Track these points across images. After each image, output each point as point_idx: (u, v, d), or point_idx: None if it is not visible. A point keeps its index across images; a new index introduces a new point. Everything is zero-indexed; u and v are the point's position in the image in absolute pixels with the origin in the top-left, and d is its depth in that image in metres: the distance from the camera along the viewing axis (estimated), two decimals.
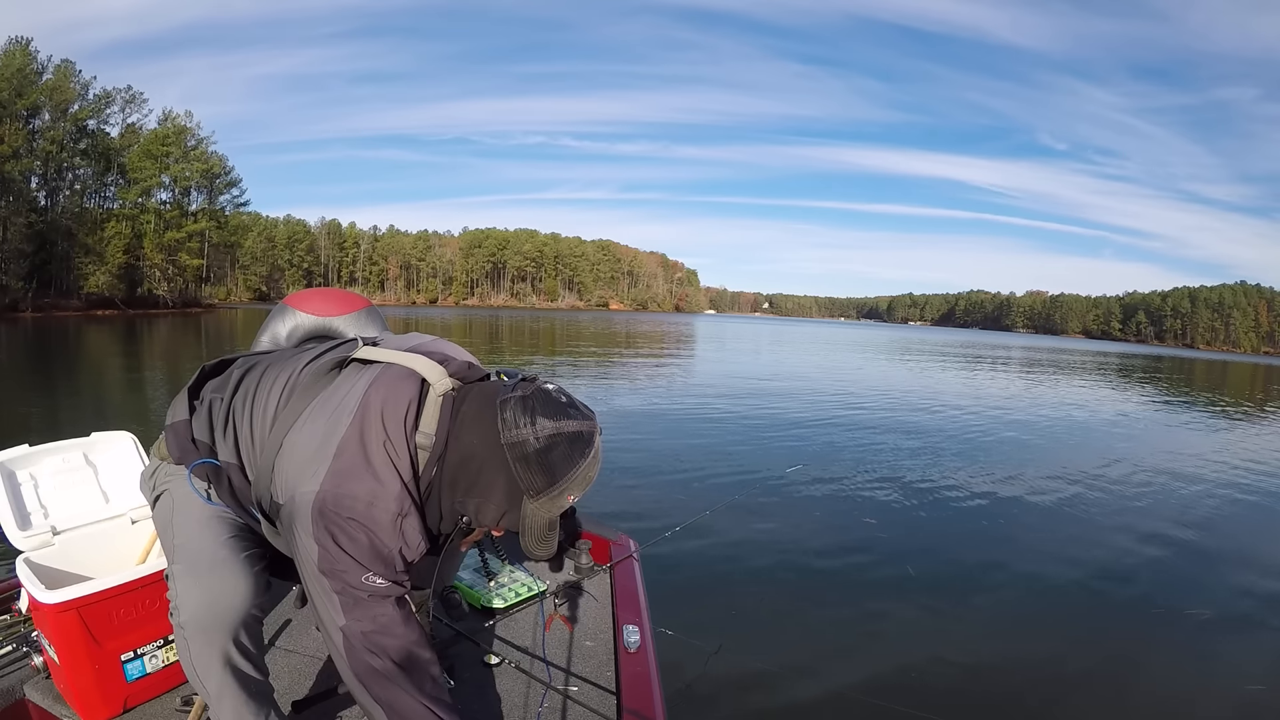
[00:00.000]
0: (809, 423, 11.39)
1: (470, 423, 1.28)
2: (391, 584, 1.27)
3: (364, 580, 1.24)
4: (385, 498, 1.25)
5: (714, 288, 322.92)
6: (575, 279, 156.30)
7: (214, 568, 1.36)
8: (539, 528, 1.28)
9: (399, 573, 1.29)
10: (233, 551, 1.39)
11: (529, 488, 1.24)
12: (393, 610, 1.28)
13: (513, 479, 1.24)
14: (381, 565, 1.26)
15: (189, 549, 1.38)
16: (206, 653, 1.35)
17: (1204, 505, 7.53)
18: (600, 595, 2.48)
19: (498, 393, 1.29)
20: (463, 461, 1.28)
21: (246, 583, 1.37)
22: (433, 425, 1.30)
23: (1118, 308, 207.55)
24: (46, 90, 45.46)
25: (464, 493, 1.29)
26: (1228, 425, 15.86)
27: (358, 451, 1.25)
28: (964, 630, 4.10)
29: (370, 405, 1.29)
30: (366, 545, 1.23)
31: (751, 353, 32.93)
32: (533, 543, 1.30)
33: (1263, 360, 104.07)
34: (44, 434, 2.05)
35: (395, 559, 1.27)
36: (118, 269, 49.30)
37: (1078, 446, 11.03)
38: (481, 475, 1.26)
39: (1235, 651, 4.02)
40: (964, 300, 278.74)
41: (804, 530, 5.71)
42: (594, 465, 1.28)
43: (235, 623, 1.35)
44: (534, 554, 1.31)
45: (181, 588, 1.35)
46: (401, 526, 1.27)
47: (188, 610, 1.33)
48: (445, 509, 1.32)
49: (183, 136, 55.83)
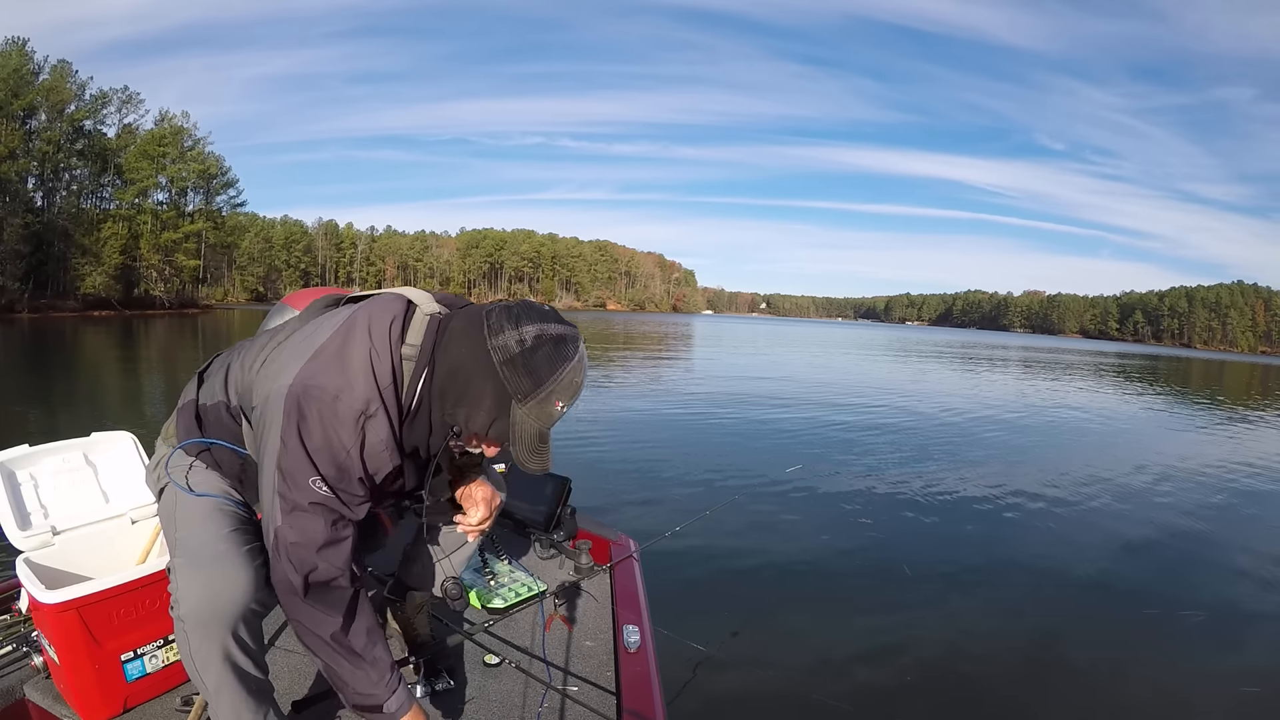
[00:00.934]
0: (808, 423, 11.40)
1: (457, 336, 1.31)
2: (335, 496, 1.28)
3: (310, 483, 1.25)
4: (352, 394, 1.26)
5: (711, 288, 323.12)
6: (572, 279, 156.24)
7: (215, 560, 1.36)
8: (529, 437, 1.29)
9: (352, 485, 1.30)
10: (234, 545, 1.40)
11: (516, 391, 1.26)
12: (325, 529, 1.28)
13: (500, 383, 1.26)
14: (334, 469, 1.27)
15: (190, 542, 1.39)
16: (205, 647, 1.35)
17: (1200, 505, 7.55)
18: (600, 595, 2.48)
19: (484, 309, 1.32)
20: (451, 373, 1.30)
21: (247, 576, 1.37)
22: (419, 338, 1.34)
23: (1115, 307, 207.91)
24: (43, 91, 45.30)
25: (453, 403, 1.31)
26: (1224, 425, 15.88)
27: (336, 352, 1.29)
28: (963, 631, 4.10)
29: (356, 319, 1.33)
30: (323, 441, 1.25)
31: (750, 353, 32.93)
32: (524, 453, 1.30)
33: (1260, 360, 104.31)
34: (42, 435, 2.05)
35: (352, 465, 1.28)
36: (114, 270, 49.14)
37: (1075, 447, 11.06)
38: (470, 384, 1.28)
39: (1231, 652, 4.02)
40: (961, 300, 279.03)
41: (803, 531, 5.72)
42: (579, 370, 1.30)
43: (235, 616, 1.35)
44: (527, 466, 1.32)
45: (182, 580, 1.35)
46: (364, 426, 1.28)
47: (188, 603, 1.33)
48: (435, 422, 1.34)
49: (179, 137, 55.62)
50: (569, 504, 2.83)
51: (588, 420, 10.25)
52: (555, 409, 1.28)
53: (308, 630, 1.33)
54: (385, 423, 1.30)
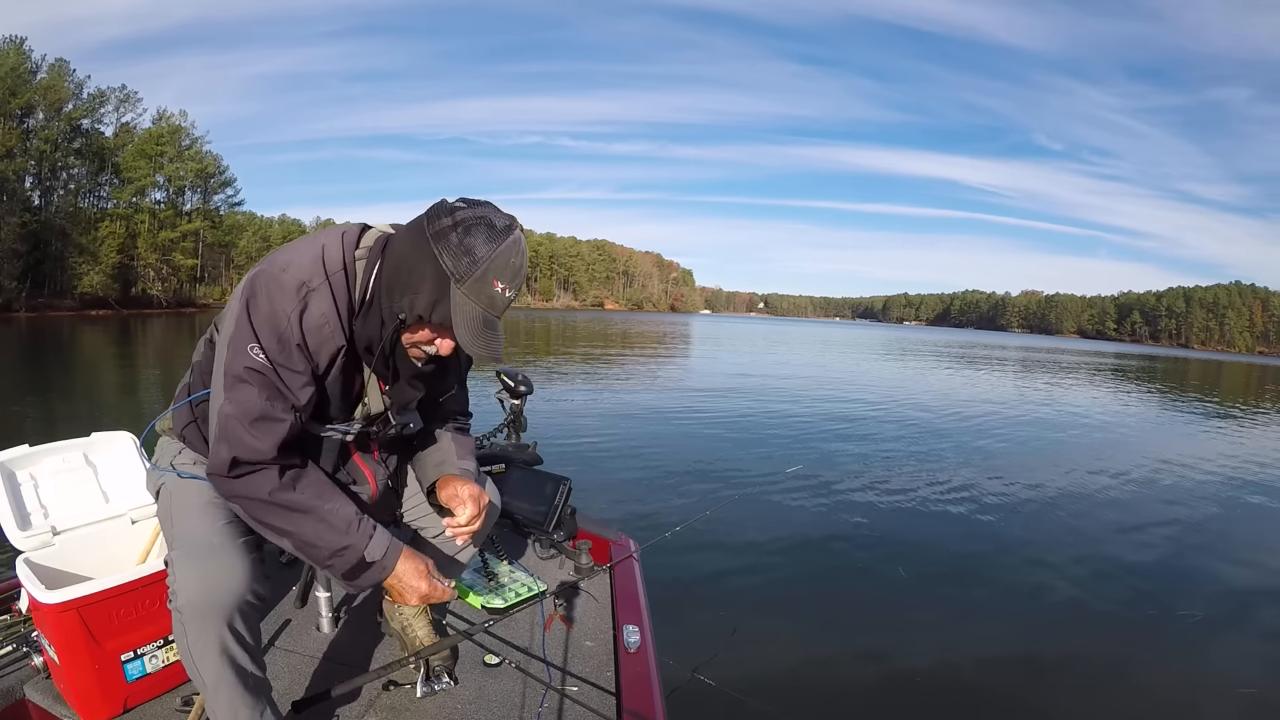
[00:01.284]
0: (808, 424, 11.41)
1: (401, 234, 1.38)
2: (272, 368, 1.30)
3: (248, 349, 1.29)
4: (299, 267, 1.33)
5: (709, 287, 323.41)
6: (571, 279, 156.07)
7: (211, 551, 1.37)
8: (473, 320, 1.31)
9: (291, 359, 1.32)
10: (229, 537, 1.41)
11: (454, 271, 1.29)
12: (260, 402, 1.30)
13: (438, 266, 1.29)
14: (275, 341, 1.30)
15: (187, 534, 1.40)
16: (203, 638, 1.35)
17: (1196, 505, 7.57)
18: (600, 595, 2.48)
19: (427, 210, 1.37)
20: (396, 268, 1.34)
21: (243, 566, 1.38)
22: (370, 242, 1.41)
23: (1113, 308, 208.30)
24: (41, 89, 45.21)
25: (399, 294, 1.34)
26: (1222, 426, 15.90)
27: (292, 245, 1.40)
28: (963, 631, 4.11)
29: (317, 235, 1.41)
30: (268, 310, 1.30)
31: (749, 353, 32.93)
32: (469, 337, 1.32)
33: (1258, 360, 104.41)
34: (41, 435, 2.05)
35: (291, 332, 1.31)
36: (112, 269, 48.99)
37: (1075, 447, 11.07)
38: (412, 272, 1.32)
39: (1227, 653, 4.03)
40: (959, 300, 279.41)
41: (804, 531, 5.72)
42: (516, 252, 1.32)
43: (231, 607, 1.35)
44: (474, 350, 1.34)
45: (179, 571, 1.36)
46: (306, 297, 1.32)
47: (185, 594, 1.34)
48: (385, 314, 1.36)
49: (177, 136, 55.47)
50: (569, 504, 2.83)
51: (588, 420, 10.27)
52: (495, 290, 1.30)
53: (248, 500, 1.34)
54: (329, 299, 1.34)
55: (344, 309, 1.36)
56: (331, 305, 1.34)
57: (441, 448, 1.75)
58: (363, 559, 1.38)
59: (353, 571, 1.39)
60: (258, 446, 1.30)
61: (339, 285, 1.35)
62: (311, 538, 1.36)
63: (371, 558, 1.39)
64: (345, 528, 1.38)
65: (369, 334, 1.39)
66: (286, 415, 1.33)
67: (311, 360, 1.35)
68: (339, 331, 1.36)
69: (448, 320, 1.32)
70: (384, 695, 1.83)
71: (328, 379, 1.40)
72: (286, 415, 1.33)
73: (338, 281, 1.35)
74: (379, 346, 1.40)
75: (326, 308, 1.33)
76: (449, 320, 1.31)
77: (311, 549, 1.37)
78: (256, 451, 1.30)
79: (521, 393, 3.30)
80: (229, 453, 1.30)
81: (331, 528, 1.36)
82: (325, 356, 1.36)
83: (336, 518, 1.38)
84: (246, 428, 1.29)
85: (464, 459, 1.74)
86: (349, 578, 1.41)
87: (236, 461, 1.30)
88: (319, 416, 1.45)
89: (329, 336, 1.35)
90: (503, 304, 1.33)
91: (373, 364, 1.45)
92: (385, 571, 1.42)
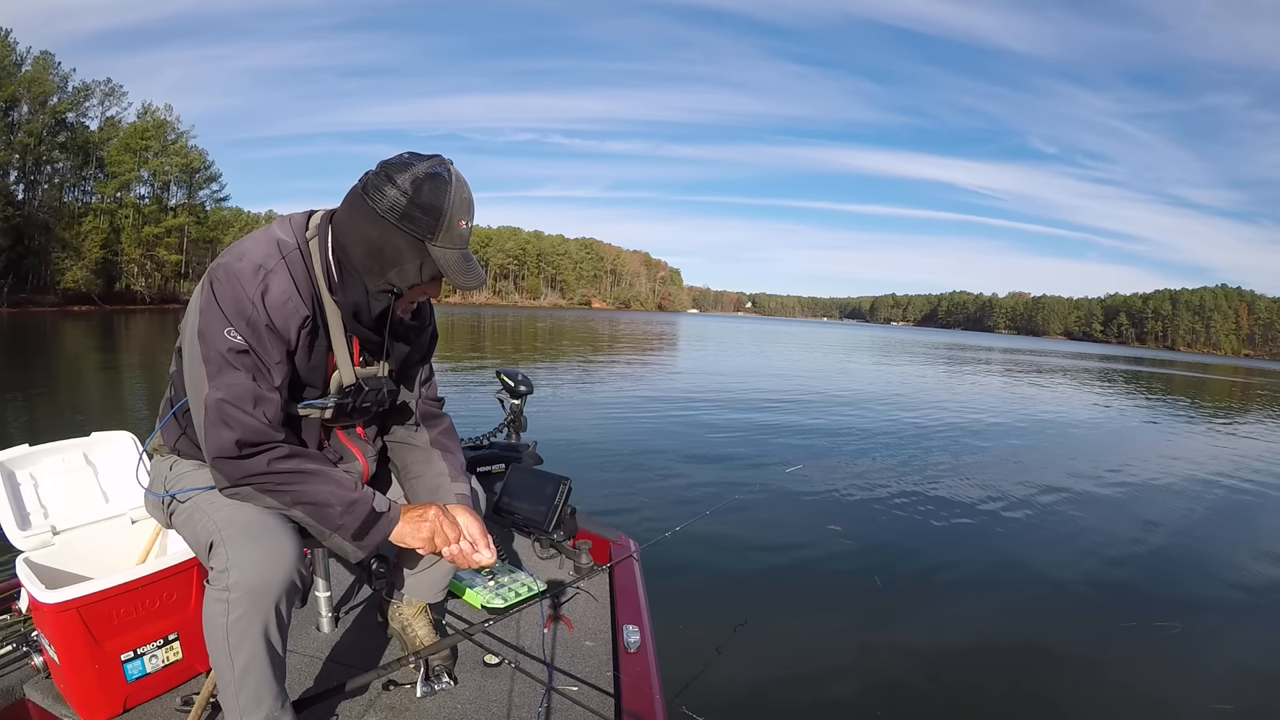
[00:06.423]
0: (807, 424, 11.44)
1: (349, 217, 1.42)
2: (250, 346, 1.35)
3: (225, 333, 1.34)
4: (253, 253, 1.39)
5: (697, 287, 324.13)
6: (558, 277, 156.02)
7: (267, 530, 1.39)
8: (455, 264, 1.40)
9: (262, 338, 1.36)
10: (277, 518, 1.43)
11: (424, 234, 1.37)
12: (249, 382, 1.35)
13: (407, 236, 1.37)
14: (244, 323, 1.34)
15: (238, 516, 1.41)
16: (248, 618, 1.35)
17: (1186, 508, 7.64)
18: (600, 595, 2.48)
19: (355, 187, 1.42)
20: (368, 252, 1.40)
21: (294, 546, 1.41)
22: (316, 221, 1.49)
23: (1099, 309, 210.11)
24: (25, 82, 44.72)
25: (381, 271, 1.41)
26: (1207, 430, 16.09)
27: (247, 236, 1.46)
28: (963, 632, 4.13)
29: (267, 226, 1.48)
30: (231, 296, 1.34)
31: (741, 354, 32.99)
32: (458, 277, 1.41)
33: (1242, 362, 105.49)
34: (30, 433, 2.04)
35: (258, 315, 1.35)
36: (95, 265, 48.51)
37: (1073, 447, 11.16)
38: (384, 250, 1.39)
39: (1214, 655, 4.06)
40: (946, 301, 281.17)
41: (804, 531, 5.72)
42: (461, 187, 1.40)
43: (284, 585, 1.37)
44: (465, 284, 1.42)
45: (233, 550, 1.35)
46: (265, 279, 1.37)
47: (241, 570, 1.34)
48: (373, 291, 1.44)
49: (162, 130, 55.00)
50: (569, 504, 2.83)
51: (587, 421, 10.27)
52: (460, 229, 1.39)
53: (260, 475, 1.38)
54: (286, 276, 1.40)
55: (303, 284, 1.43)
56: (290, 282, 1.40)
57: (435, 469, 1.76)
58: (373, 509, 1.46)
59: (363, 527, 1.45)
60: (259, 425, 1.36)
61: (295, 263, 1.42)
62: (325, 496, 1.42)
63: (380, 508, 1.47)
64: (353, 484, 1.47)
65: (355, 296, 1.46)
66: (274, 393, 1.39)
67: (282, 337, 1.40)
68: (301, 305, 1.42)
69: (435, 273, 1.42)
70: (384, 695, 1.83)
71: (298, 352, 1.45)
72: (274, 393, 1.39)
73: (294, 260, 1.42)
74: (368, 311, 1.48)
75: (286, 285, 1.39)
76: (438, 272, 1.42)
77: (325, 509, 1.42)
78: (259, 430, 1.36)
79: (521, 393, 3.31)
80: (232, 435, 1.34)
81: (341, 485, 1.45)
82: (293, 330, 1.42)
83: (343, 475, 1.47)
84: (245, 408, 1.34)
85: (457, 481, 1.75)
86: (359, 536, 1.46)
87: (241, 443, 1.34)
88: (294, 394, 1.50)
89: (293, 311, 1.41)
90: (469, 235, 1.43)
91: (360, 332, 1.53)
92: (393, 522, 1.49)
